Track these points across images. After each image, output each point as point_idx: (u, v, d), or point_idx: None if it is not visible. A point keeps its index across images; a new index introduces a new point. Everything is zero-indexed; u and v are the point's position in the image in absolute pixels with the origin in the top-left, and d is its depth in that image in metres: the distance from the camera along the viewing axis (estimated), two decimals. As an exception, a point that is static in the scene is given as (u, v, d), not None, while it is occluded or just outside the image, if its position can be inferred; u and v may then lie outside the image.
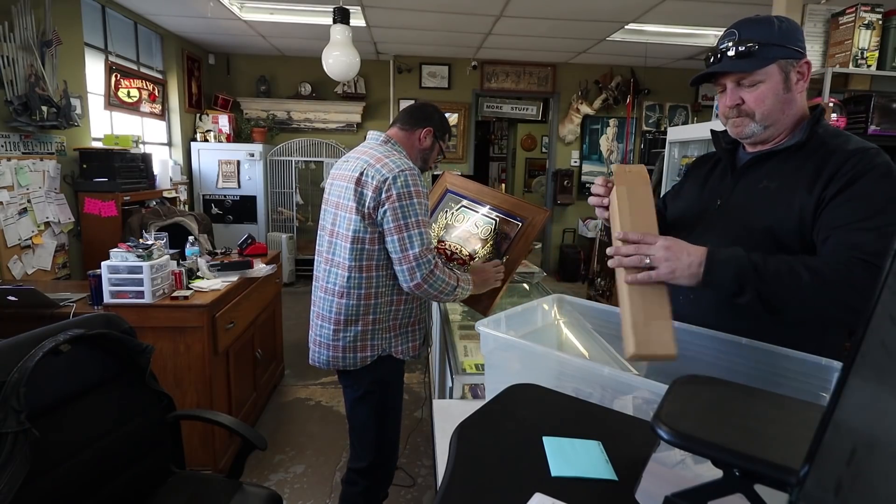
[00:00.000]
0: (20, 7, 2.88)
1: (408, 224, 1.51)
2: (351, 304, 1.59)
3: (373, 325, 1.61)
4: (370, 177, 1.54)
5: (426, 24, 4.59)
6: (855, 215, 0.95)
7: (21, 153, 3.01)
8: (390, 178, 1.51)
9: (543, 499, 0.60)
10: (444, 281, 1.56)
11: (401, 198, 1.51)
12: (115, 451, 1.37)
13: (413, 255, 1.51)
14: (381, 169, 1.53)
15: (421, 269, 1.51)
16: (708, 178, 1.25)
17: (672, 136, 3.60)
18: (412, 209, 1.52)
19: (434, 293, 1.56)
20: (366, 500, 1.76)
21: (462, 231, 1.87)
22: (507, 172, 9.96)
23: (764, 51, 1.01)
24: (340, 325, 1.61)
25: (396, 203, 1.51)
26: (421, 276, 1.51)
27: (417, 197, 1.53)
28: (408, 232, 1.51)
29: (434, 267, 1.54)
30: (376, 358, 1.63)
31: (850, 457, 0.32)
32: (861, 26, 2.38)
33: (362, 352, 1.62)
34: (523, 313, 1.20)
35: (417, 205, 1.53)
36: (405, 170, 1.53)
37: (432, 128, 1.73)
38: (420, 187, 1.54)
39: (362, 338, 1.61)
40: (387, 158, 1.56)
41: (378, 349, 1.63)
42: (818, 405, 0.59)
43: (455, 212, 1.94)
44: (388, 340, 1.65)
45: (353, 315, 1.60)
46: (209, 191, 5.46)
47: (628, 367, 1.11)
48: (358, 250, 1.57)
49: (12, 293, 2.13)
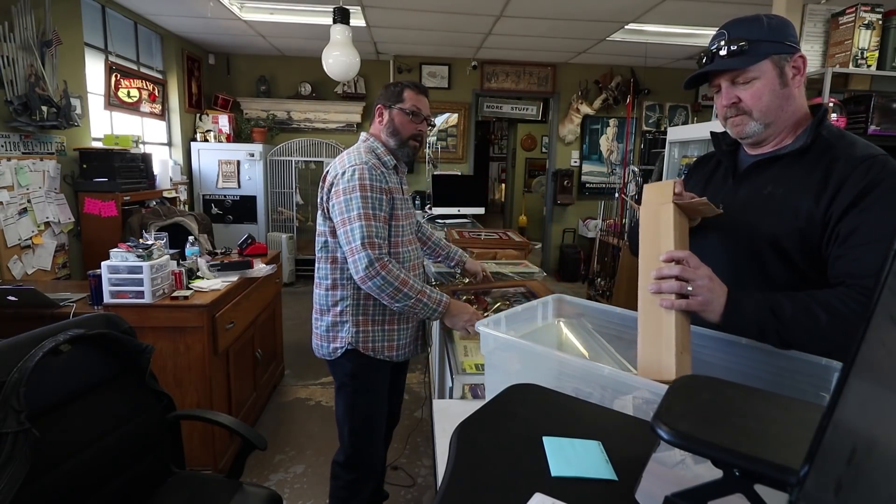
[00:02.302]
0: (20, 7, 2.88)
1: (350, 217, 1.54)
2: (321, 293, 1.71)
3: (340, 316, 1.68)
4: (329, 174, 1.65)
5: (426, 24, 4.59)
6: (868, 234, 0.93)
7: (21, 153, 3.01)
8: (339, 174, 1.59)
9: (543, 499, 0.60)
10: (391, 284, 1.53)
11: (346, 191, 1.56)
12: (115, 451, 1.37)
13: (355, 248, 1.53)
14: (337, 165, 1.63)
15: (361, 262, 1.52)
16: (709, 180, 1.23)
17: (672, 136, 3.60)
18: (355, 202, 1.54)
19: (377, 290, 1.54)
20: (349, 493, 1.79)
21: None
22: (507, 172, 9.96)
23: (755, 47, 1.01)
24: (317, 313, 1.73)
25: (342, 197, 1.56)
26: (363, 270, 1.51)
27: (363, 191, 1.55)
28: (350, 225, 1.54)
29: (379, 265, 1.52)
30: (345, 350, 1.67)
31: (850, 457, 0.32)
32: (861, 26, 2.38)
33: (333, 342, 1.69)
34: (523, 313, 1.20)
35: (361, 198, 1.54)
36: (356, 164, 1.58)
37: (380, 103, 1.71)
38: (369, 181, 1.56)
39: (333, 328, 1.69)
40: (346, 156, 1.64)
41: (344, 342, 1.67)
42: (818, 405, 0.59)
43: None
44: (356, 335, 1.67)
45: (323, 305, 1.71)
46: (209, 191, 5.45)
47: (628, 367, 1.11)
48: (322, 243, 1.68)
49: (12, 293, 2.13)
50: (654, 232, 0.97)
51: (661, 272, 0.92)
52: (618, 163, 6.33)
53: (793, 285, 1.03)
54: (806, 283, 1.02)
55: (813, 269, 1.02)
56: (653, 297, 0.93)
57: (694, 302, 0.91)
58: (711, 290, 0.92)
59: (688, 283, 0.91)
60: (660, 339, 0.89)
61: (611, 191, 6.18)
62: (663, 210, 0.97)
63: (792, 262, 1.03)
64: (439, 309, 1.58)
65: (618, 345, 1.16)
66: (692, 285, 0.91)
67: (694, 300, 0.91)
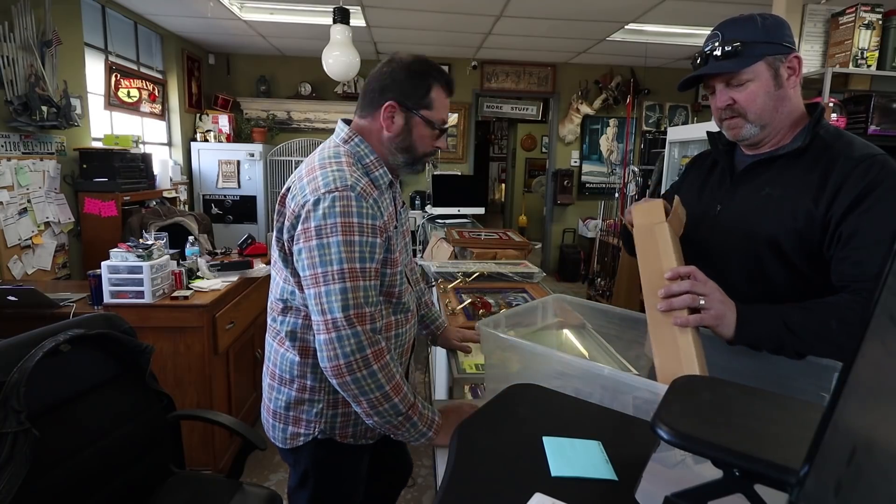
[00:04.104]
0: (20, 7, 2.88)
1: (326, 274, 1.02)
2: (281, 353, 1.20)
3: (309, 392, 1.17)
4: (292, 196, 1.09)
5: (426, 24, 4.59)
6: (871, 236, 0.93)
7: (21, 153, 3.01)
8: (310, 202, 1.03)
9: (543, 499, 0.60)
10: (381, 387, 1.03)
11: (320, 232, 1.02)
12: (115, 451, 1.37)
13: (332, 322, 1.01)
14: (306, 186, 1.06)
15: (344, 345, 1.00)
16: (707, 180, 1.22)
17: (672, 136, 3.61)
18: (334, 251, 1.02)
19: (355, 390, 1.02)
20: None
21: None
22: (507, 172, 9.97)
23: (749, 49, 1.00)
24: (274, 379, 1.22)
25: (314, 241, 1.03)
26: (345, 356, 1.00)
27: (348, 233, 1.02)
28: (325, 286, 1.02)
29: (372, 352, 1.02)
30: (311, 439, 1.19)
31: (850, 457, 0.32)
32: (861, 26, 2.38)
33: (293, 425, 1.19)
34: (523, 313, 1.20)
35: (345, 245, 1.02)
36: (334, 190, 1.03)
37: (394, 99, 1.13)
38: (357, 218, 1.04)
39: (296, 406, 1.19)
40: (320, 170, 1.08)
41: (312, 428, 1.19)
42: (818, 405, 0.59)
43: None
44: (332, 419, 1.19)
45: (285, 372, 1.19)
46: (209, 191, 5.45)
47: (628, 367, 1.11)
48: (284, 293, 1.16)
49: (12, 293, 2.13)
50: (653, 252, 0.96)
51: (671, 290, 0.90)
52: (618, 163, 6.33)
53: (791, 286, 1.03)
54: (805, 285, 1.02)
55: (812, 270, 1.02)
56: (663, 316, 0.91)
57: (708, 316, 0.90)
58: (724, 303, 0.92)
59: (699, 297, 0.90)
60: (678, 358, 0.88)
61: (611, 191, 6.18)
62: (658, 229, 0.97)
63: (790, 263, 1.02)
64: (429, 433, 1.08)
65: (617, 344, 1.17)
66: (704, 299, 0.90)
67: (707, 314, 0.90)
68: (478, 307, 1.79)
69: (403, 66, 1.14)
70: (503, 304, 1.86)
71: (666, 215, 0.98)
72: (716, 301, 0.91)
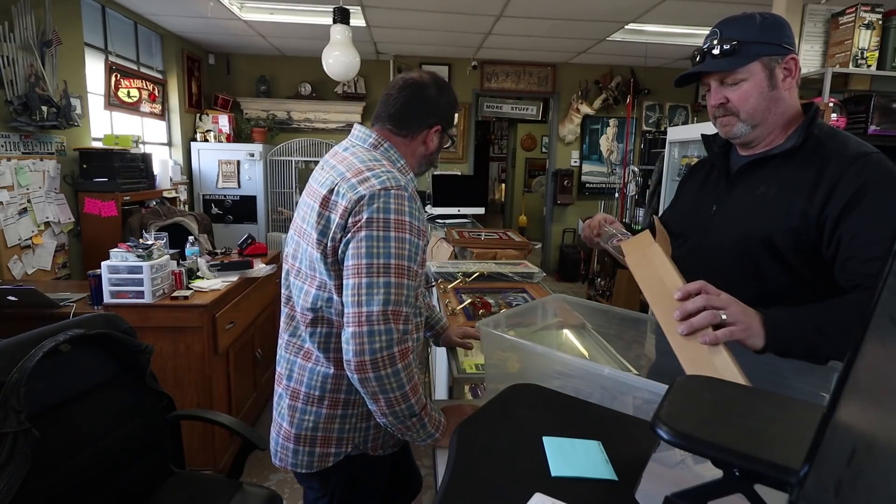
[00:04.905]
0: (20, 7, 2.88)
1: (371, 266, 1.02)
2: (309, 367, 1.16)
3: (345, 407, 1.15)
4: (340, 195, 1.08)
5: (426, 24, 4.59)
6: (875, 234, 0.92)
7: (21, 153, 3.01)
8: (366, 197, 1.05)
9: (543, 499, 0.60)
10: (402, 386, 1.03)
11: (372, 225, 1.03)
12: (116, 451, 1.37)
13: (369, 316, 1.00)
14: (357, 185, 1.07)
15: (375, 340, 1.00)
16: (704, 183, 1.23)
17: (672, 136, 3.61)
18: (386, 245, 1.03)
19: (376, 387, 1.01)
20: None
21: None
22: (507, 172, 9.97)
23: (745, 48, 1.00)
24: (298, 399, 1.17)
25: (364, 232, 1.03)
26: (373, 353, 1.00)
27: (401, 230, 1.05)
28: (368, 277, 1.02)
29: (400, 351, 1.02)
30: (344, 457, 1.17)
31: (850, 457, 0.32)
32: (861, 26, 2.38)
33: (324, 446, 1.16)
34: (523, 313, 1.20)
35: (397, 242, 1.04)
36: (390, 188, 1.06)
37: (440, 123, 1.21)
38: (409, 217, 1.06)
39: (328, 423, 1.16)
40: (368, 171, 1.09)
41: (347, 445, 1.17)
42: (818, 405, 0.59)
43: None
44: (365, 432, 1.18)
45: (314, 388, 1.16)
46: (209, 191, 5.45)
47: (628, 367, 1.11)
48: (321, 300, 1.12)
49: (12, 293, 2.13)
50: (655, 276, 0.94)
51: (686, 309, 0.86)
52: (618, 163, 6.33)
53: (787, 285, 1.03)
54: (800, 284, 1.02)
55: (807, 269, 1.02)
56: (688, 339, 0.85)
57: (737, 329, 0.86)
58: (745, 313, 0.88)
59: (718, 311, 0.86)
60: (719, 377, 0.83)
61: (611, 191, 6.18)
62: (651, 252, 0.96)
63: (786, 262, 1.02)
64: (436, 434, 1.10)
65: (617, 344, 1.17)
66: (725, 313, 0.86)
67: (736, 328, 0.86)
68: (478, 307, 1.78)
69: (445, 89, 1.22)
70: (503, 304, 1.86)
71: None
72: (737, 313, 0.87)
